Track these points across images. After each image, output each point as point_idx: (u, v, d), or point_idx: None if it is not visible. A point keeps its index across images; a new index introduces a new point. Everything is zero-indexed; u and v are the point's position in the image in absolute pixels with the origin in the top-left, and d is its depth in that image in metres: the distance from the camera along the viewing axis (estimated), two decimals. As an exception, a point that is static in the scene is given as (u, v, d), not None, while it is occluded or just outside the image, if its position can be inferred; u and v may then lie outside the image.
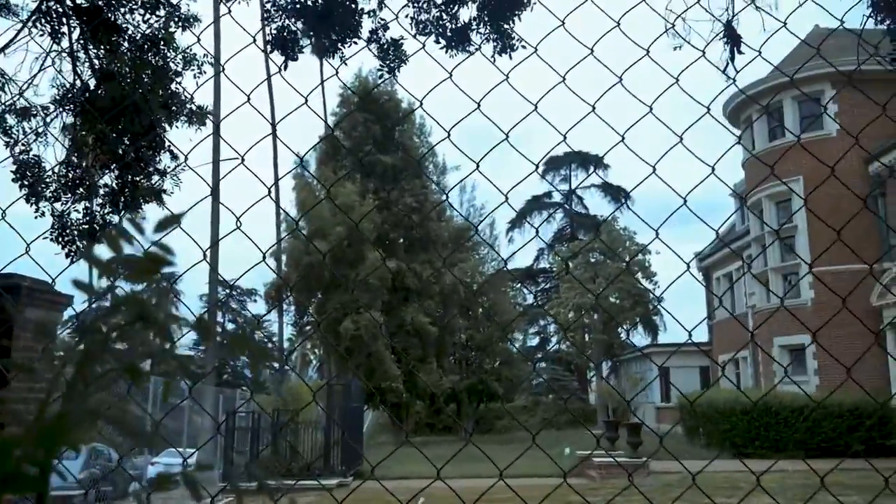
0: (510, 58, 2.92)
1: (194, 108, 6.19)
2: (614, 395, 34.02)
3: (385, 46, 3.10)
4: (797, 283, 25.24)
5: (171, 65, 5.43)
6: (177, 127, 6.18)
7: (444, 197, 33.63)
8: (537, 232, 50.43)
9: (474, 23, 2.95)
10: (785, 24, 2.22)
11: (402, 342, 29.07)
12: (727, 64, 2.59)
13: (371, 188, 30.35)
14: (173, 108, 5.72)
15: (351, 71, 30.07)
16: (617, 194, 58.61)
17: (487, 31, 2.91)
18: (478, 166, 2.19)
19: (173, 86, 5.62)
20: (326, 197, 28.30)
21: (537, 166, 2.20)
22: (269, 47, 2.83)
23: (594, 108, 2.16)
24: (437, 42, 2.99)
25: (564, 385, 50.54)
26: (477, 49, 2.99)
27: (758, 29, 2.51)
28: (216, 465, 17.14)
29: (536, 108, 2.12)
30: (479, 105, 2.13)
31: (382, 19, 3.01)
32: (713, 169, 2.22)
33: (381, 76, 2.87)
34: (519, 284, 56.69)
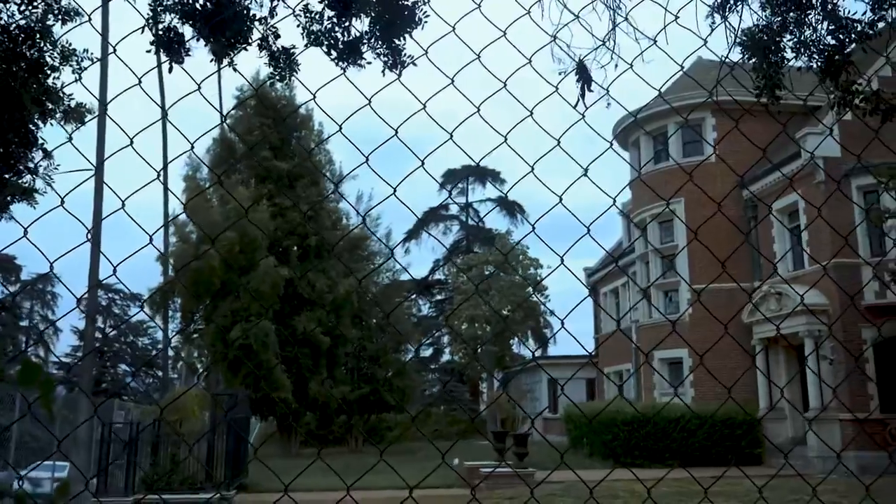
0: (399, 74, 2.95)
1: (72, 105, 5.88)
2: (503, 405, 34.58)
3: (276, 55, 3.07)
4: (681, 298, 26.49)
5: (49, 59, 5.14)
6: (51, 124, 5.85)
7: (341, 202, 33.36)
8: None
9: (366, 37, 2.96)
10: (631, 66, 2.36)
11: (293, 352, 28.55)
12: (578, 100, 2.73)
13: (266, 193, 29.74)
14: (49, 104, 5.42)
15: (248, 74, 29.50)
16: (512, 208, 59.93)
17: (379, 45, 2.94)
18: (367, 159, 2.21)
19: (50, 81, 5.32)
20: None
21: (423, 161, 2.24)
22: (154, 48, 2.75)
23: (478, 108, 2.24)
24: (329, 54, 2.99)
25: (456, 396, 51.01)
26: (369, 63, 3.01)
27: (649, 54, 2.65)
28: (90, 478, 16.27)
29: (425, 106, 2.18)
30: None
31: (274, 27, 2.98)
32: (614, 200, 2.32)
33: (271, 84, 2.84)
34: (414, 295, 56.90)
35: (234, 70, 3.01)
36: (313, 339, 28.31)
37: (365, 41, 2.95)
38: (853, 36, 3.84)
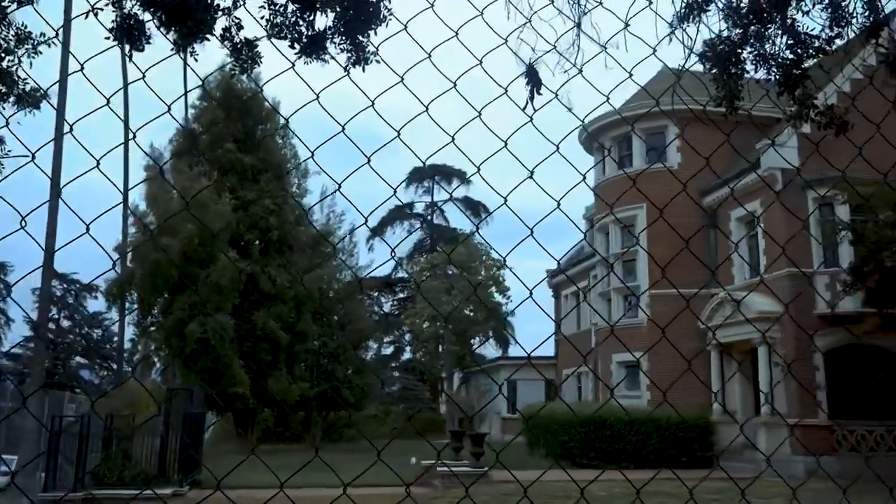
0: (363, 70, 2.94)
1: (26, 89, 5.72)
2: (463, 405, 34.65)
3: (238, 46, 3.04)
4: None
5: (2, 41, 4.99)
6: (3, 108, 5.68)
7: (303, 201, 33.07)
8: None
9: (329, 32, 2.94)
10: (581, 71, 2.39)
11: (252, 347, 28.24)
12: (527, 103, 2.76)
13: (228, 186, 29.35)
14: (2, 87, 5.27)
15: (214, 64, 29.06)
16: (477, 209, 60.12)
17: (342, 40, 2.92)
18: (312, 154, 2.21)
19: (4, 64, 5.17)
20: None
21: (369, 158, 2.24)
22: (114, 35, 2.69)
23: (427, 108, 2.25)
24: (292, 47, 2.97)
25: (416, 395, 50.99)
26: (332, 58, 2.99)
27: (611, 61, 2.67)
28: (39, 472, 15.92)
29: (373, 104, 2.18)
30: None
31: (237, 18, 2.94)
32: (558, 204, 2.34)
33: (233, 75, 2.80)
34: (376, 293, 56.77)
35: (196, 60, 2.97)
36: (273, 334, 28.05)
37: (328, 36, 2.93)
38: (810, 51, 3.93)
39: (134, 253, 27.34)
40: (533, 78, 2.75)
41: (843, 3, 3.83)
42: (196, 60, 2.96)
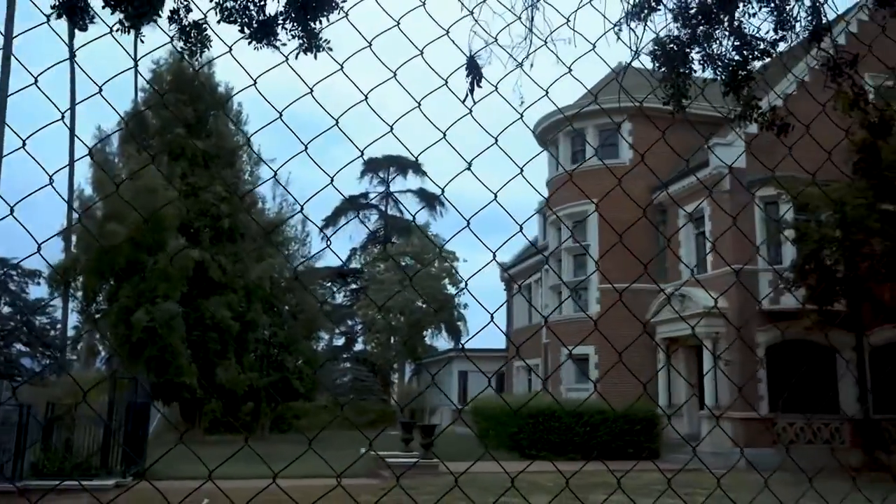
0: (315, 57, 2.91)
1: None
2: (413, 396, 34.73)
3: (187, 29, 2.97)
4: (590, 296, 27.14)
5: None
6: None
7: (260, 187, 32.62)
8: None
9: (280, 17, 2.91)
10: (519, 63, 2.41)
11: (201, 336, 27.79)
12: (467, 95, 2.77)
13: (179, 172, 28.77)
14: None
15: (166, 48, 28.34)
16: (432, 200, 60.12)
17: (293, 27, 2.89)
18: (249, 140, 2.18)
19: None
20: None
21: (306, 146, 2.22)
22: (57, 13, 2.61)
23: (366, 96, 2.25)
24: (242, 32, 2.92)
25: (367, 386, 50.87)
26: (283, 45, 2.95)
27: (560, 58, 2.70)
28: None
29: (311, 91, 2.16)
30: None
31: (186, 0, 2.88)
32: (495, 196, 2.35)
33: (182, 59, 2.73)
34: (329, 283, 56.38)
35: (142, 42, 2.90)
36: (222, 323, 27.64)
37: (279, 22, 2.89)
38: (756, 53, 4.02)
39: (78, 238, 26.66)
40: (473, 70, 2.76)
41: (787, 8, 3.93)
42: (142, 42, 2.89)
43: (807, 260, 18.33)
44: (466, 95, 2.69)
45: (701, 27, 3.95)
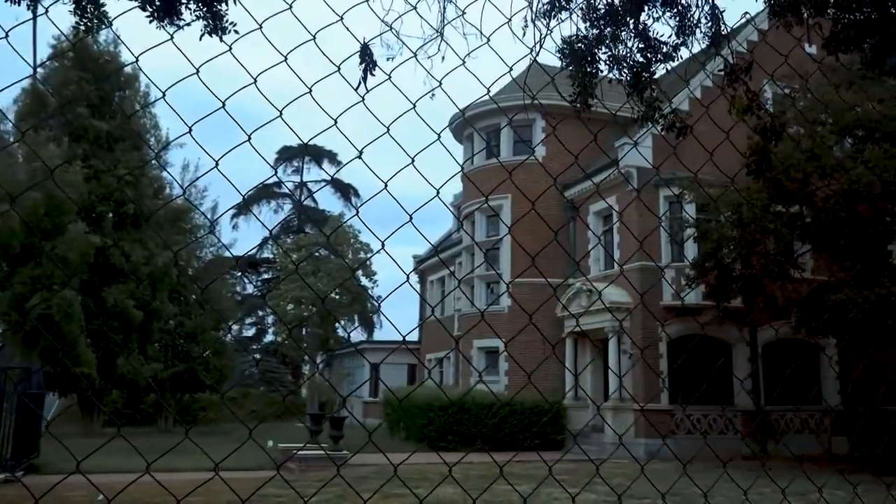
0: (221, 39, 2.84)
1: None
2: (323, 388, 34.42)
3: (83, 3, 2.84)
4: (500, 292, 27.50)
5: None
6: None
7: (166, 171, 31.47)
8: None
9: (185, -3, 2.82)
10: (415, 56, 2.44)
11: (102, 325, 26.68)
12: (359, 83, 2.78)
13: (80, 154, 27.45)
14: None
15: (69, 23, 26.88)
16: (346, 191, 59.60)
17: (197, 7, 2.81)
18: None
19: None
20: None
21: (190, 128, 2.18)
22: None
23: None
24: (144, 9, 2.82)
25: (277, 377, 50.09)
26: (187, 25, 2.87)
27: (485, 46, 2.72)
28: None
29: (198, 71, 2.10)
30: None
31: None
32: (385, 185, 2.36)
33: (77, 35, 2.58)
34: (239, 273, 55.06)
35: (46, 14, 2.74)
36: (125, 312, 26.61)
37: (183, 2, 2.80)
38: (659, 56, 4.17)
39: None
40: (366, 58, 2.76)
41: (689, 14, 4.09)
42: (46, 15, 2.74)
43: (707, 258, 19.12)
44: (359, 83, 2.68)
45: (608, 28, 4.06)
